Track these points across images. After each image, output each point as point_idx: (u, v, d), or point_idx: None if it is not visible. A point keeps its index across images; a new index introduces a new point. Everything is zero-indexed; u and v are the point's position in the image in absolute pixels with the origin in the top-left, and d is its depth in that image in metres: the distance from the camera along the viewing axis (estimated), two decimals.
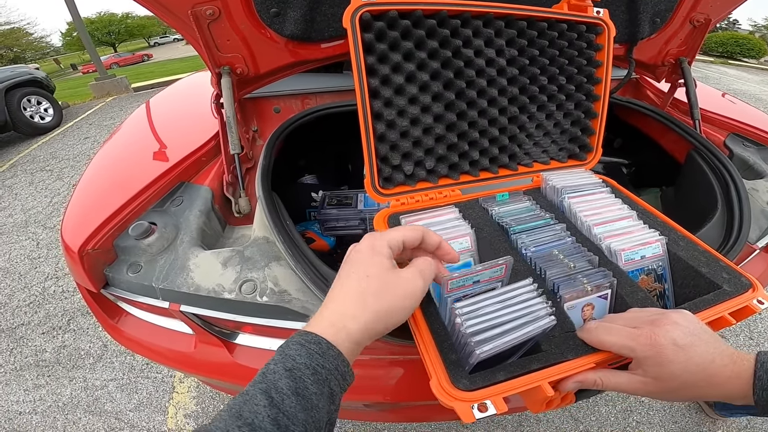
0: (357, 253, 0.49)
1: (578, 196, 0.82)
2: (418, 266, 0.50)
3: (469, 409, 0.45)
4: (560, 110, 0.91)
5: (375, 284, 0.45)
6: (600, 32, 0.87)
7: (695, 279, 0.68)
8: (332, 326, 0.42)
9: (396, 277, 0.47)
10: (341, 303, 0.45)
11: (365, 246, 0.49)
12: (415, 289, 0.47)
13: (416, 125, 0.79)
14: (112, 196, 0.92)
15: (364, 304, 0.44)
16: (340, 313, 0.43)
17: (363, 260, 0.47)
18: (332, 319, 0.43)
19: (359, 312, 0.43)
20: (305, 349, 0.39)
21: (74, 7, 7.58)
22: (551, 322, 0.51)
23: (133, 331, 0.96)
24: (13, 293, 2.49)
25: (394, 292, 0.46)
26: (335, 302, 0.45)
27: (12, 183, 4.26)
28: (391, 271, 0.47)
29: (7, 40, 26.46)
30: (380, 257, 0.48)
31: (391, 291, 0.46)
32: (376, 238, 0.50)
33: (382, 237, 0.50)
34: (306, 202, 1.35)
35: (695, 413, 1.66)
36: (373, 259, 0.47)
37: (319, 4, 0.91)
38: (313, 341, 0.40)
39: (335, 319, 0.43)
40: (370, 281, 0.45)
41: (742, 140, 1.30)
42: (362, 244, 0.50)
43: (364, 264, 0.47)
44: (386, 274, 0.46)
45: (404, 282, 0.47)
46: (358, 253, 0.49)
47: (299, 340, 0.40)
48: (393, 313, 0.46)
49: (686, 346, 0.45)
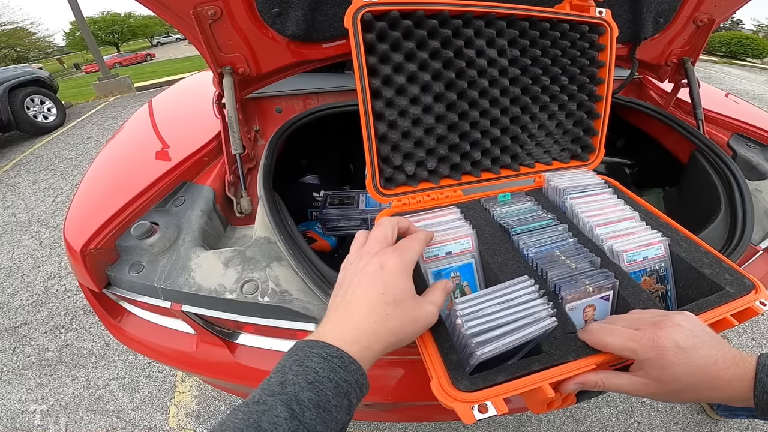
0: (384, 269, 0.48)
1: (580, 196, 0.82)
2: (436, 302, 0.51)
3: (469, 410, 0.45)
4: (562, 110, 0.91)
5: (402, 314, 0.46)
6: (603, 32, 0.86)
7: (698, 280, 0.68)
8: (357, 343, 0.42)
9: (420, 311, 0.48)
10: (366, 321, 0.44)
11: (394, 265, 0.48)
12: (430, 322, 0.50)
13: (418, 125, 0.79)
14: (114, 196, 0.93)
15: (388, 330, 0.45)
16: (366, 332, 0.44)
17: (392, 281, 0.47)
18: (356, 335, 0.43)
19: (384, 336, 0.44)
20: (328, 363, 0.39)
21: (77, 7, 7.60)
22: (552, 324, 0.51)
23: (135, 331, 0.96)
24: (16, 292, 2.50)
25: (415, 323, 0.48)
26: (359, 318, 0.45)
27: (15, 182, 4.28)
28: (416, 302, 0.49)
29: (10, 39, 26.58)
30: (407, 283, 0.49)
31: (413, 323, 0.47)
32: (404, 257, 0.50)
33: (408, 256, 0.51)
34: (308, 202, 1.35)
35: (697, 414, 1.65)
36: (402, 284, 0.48)
37: (321, 4, 0.91)
38: (335, 355, 0.40)
39: (360, 336, 0.43)
40: (398, 309, 0.46)
41: (745, 141, 1.30)
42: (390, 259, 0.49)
43: (393, 287, 0.47)
44: (412, 305, 0.48)
45: (424, 315, 0.48)
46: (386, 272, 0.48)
47: (321, 353, 0.40)
48: (408, 339, 0.48)
49: (688, 348, 0.45)
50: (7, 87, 5.41)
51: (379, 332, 0.44)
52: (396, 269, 0.48)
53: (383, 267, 0.48)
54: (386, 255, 0.49)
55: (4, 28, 26.76)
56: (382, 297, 0.46)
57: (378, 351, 0.44)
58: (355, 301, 0.46)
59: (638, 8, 1.10)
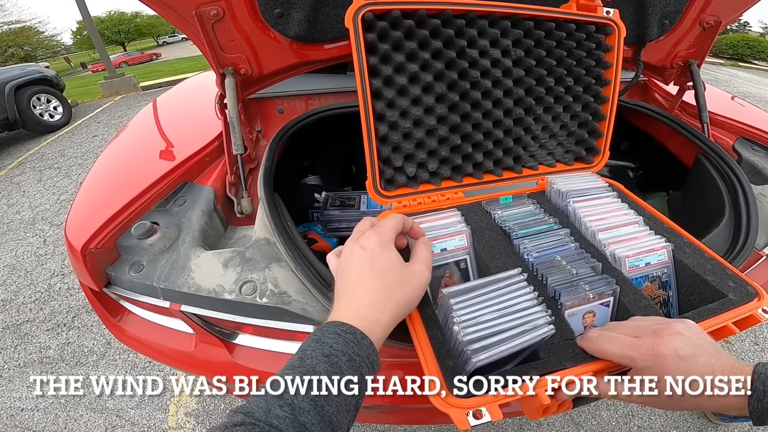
0: (366, 249, 0.52)
1: (584, 200, 0.81)
2: (422, 259, 0.55)
3: (464, 415, 0.45)
4: (567, 112, 0.90)
5: (393, 280, 0.50)
6: (610, 33, 0.85)
7: (701, 287, 0.67)
8: (365, 319, 0.46)
9: (408, 272, 0.52)
10: (366, 297, 0.48)
11: (374, 242, 0.53)
12: (423, 279, 0.54)
13: (419, 126, 0.78)
14: (115, 196, 0.93)
15: (387, 298, 0.48)
16: (369, 306, 0.47)
17: (376, 256, 0.51)
18: (363, 312, 0.47)
19: (385, 305, 0.48)
20: (342, 338, 0.43)
21: (84, 7, 7.66)
22: (550, 331, 0.50)
23: (135, 330, 0.96)
24: (19, 290, 2.51)
25: (409, 284, 0.51)
26: (360, 296, 0.48)
27: (20, 180, 4.30)
28: (403, 266, 0.53)
29: (18, 38, 26.77)
30: (390, 252, 0.53)
31: (406, 284, 0.51)
32: (380, 233, 0.54)
33: (384, 232, 0.55)
34: (309, 203, 1.35)
35: (697, 418, 1.64)
36: (385, 255, 0.52)
37: (323, 5, 0.91)
38: (348, 331, 0.44)
39: (366, 312, 0.47)
40: (389, 277, 0.50)
41: (751, 144, 1.28)
42: (369, 239, 0.53)
43: (379, 260, 0.51)
44: (400, 269, 0.52)
45: (415, 275, 0.53)
46: (368, 250, 0.52)
47: (335, 330, 0.44)
48: (410, 303, 0.52)
49: (687, 357, 0.45)
50: (13, 85, 5.43)
51: (381, 304, 0.48)
52: (375, 244, 0.52)
53: (364, 247, 0.52)
54: (364, 237, 0.54)
55: (12, 26, 26.94)
56: (371, 272, 0.50)
57: (386, 322, 0.48)
58: (351, 284, 0.50)
59: (643, 10, 1.09)
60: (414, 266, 0.54)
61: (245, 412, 0.36)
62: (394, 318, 0.49)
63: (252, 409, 0.36)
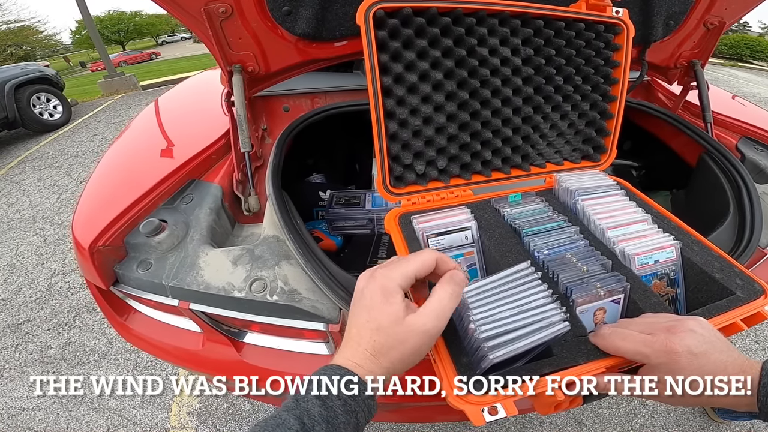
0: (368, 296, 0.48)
1: (592, 198, 0.81)
2: (435, 308, 0.47)
3: (479, 411, 0.45)
4: (575, 111, 0.90)
5: (387, 339, 0.45)
6: (619, 32, 0.85)
7: (708, 284, 0.68)
8: (360, 367, 0.45)
9: (408, 331, 0.46)
10: (361, 350, 0.46)
11: (377, 289, 0.47)
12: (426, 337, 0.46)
13: (429, 124, 0.78)
14: (122, 193, 0.93)
15: (381, 354, 0.45)
16: (364, 358, 0.45)
17: (375, 307, 0.47)
18: (358, 361, 0.45)
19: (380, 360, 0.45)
20: (338, 383, 0.42)
21: (84, 6, 7.63)
22: (565, 328, 0.51)
23: (141, 329, 0.96)
24: (20, 289, 2.50)
25: (406, 345, 0.46)
26: (354, 343, 0.46)
27: (20, 179, 4.29)
28: (403, 325, 0.46)
29: (17, 37, 26.69)
30: (390, 306, 0.46)
31: (403, 345, 0.45)
32: (388, 278, 0.48)
33: (392, 278, 0.48)
34: (314, 201, 1.35)
35: (699, 417, 1.65)
36: (384, 309, 0.46)
37: (331, 3, 0.91)
38: (345, 375, 0.43)
39: (360, 362, 0.45)
40: (381, 335, 0.45)
41: (754, 144, 1.29)
42: (375, 282, 0.48)
43: (376, 312, 0.46)
44: (398, 328, 0.45)
45: (416, 334, 0.46)
46: (370, 298, 0.47)
47: (333, 374, 0.43)
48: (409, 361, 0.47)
49: (700, 354, 0.46)
50: (13, 84, 5.41)
51: (375, 358, 0.45)
52: (375, 295, 0.47)
53: (364, 295, 0.48)
54: (373, 277, 0.49)
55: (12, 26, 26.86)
56: (366, 324, 0.46)
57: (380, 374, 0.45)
58: (351, 330, 0.48)
59: (649, 10, 1.09)
60: (417, 322, 0.46)
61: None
62: (389, 372, 0.46)
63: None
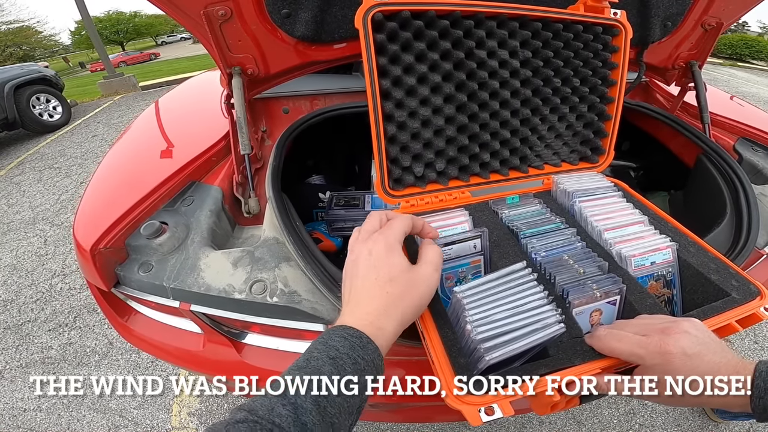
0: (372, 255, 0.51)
1: (589, 200, 0.82)
2: (431, 261, 0.53)
3: (476, 412, 0.45)
4: (573, 112, 0.90)
5: (400, 287, 0.49)
6: (617, 34, 0.86)
7: (704, 286, 0.68)
8: (371, 325, 0.46)
9: (417, 276, 0.51)
10: (373, 306, 0.48)
11: (380, 247, 0.52)
12: (432, 283, 0.52)
13: (427, 127, 0.79)
14: (123, 196, 0.93)
15: (393, 305, 0.48)
16: (375, 314, 0.47)
17: (382, 263, 0.50)
18: (369, 319, 0.47)
19: (391, 313, 0.48)
20: (347, 342, 0.43)
21: (83, 6, 7.64)
22: (560, 330, 0.51)
23: (143, 330, 0.97)
24: (20, 290, 2.51)
25: (417, 290, 0.50)
26: (365, 304, 0.48)
27: (20, 180, 4.30)
28: (411, 271, 0.51)
29: (16, 38, 26.67)
30: (396, 258, 0.51)
31: (414, 290, 0.50)
32: (388, 236, 0.53)
33: (391, 234, 0.53)
34: (313, 203, 1.36)
35: (698, 417, 1.65)
36: (391, 261, 0.51)
37: (330, 6, 0.92)
38: (354, 335, 0.44)
39: (372, 319, 0.47)
40: (394, 285, 0.49)
41: (751, 144, 1.30)
42: (376, 243, 0.52)
43: (384, 267, 0.50)
44: (408, 275, 0.50)
45: (424, 280, 0.51)
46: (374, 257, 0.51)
47: (342, 333, 0.44)
48: (418, 308, 0.51)
49: (694, 356, 0.46)
50: (13, 85, 5.41)
51: (386, 312, 0.47)
52: (382, 250, 0.51)
53: (371, 252, 0.51)
54: (371, 241, 0.53)
55: (11, 26, 26.84)
56: (376, 281, 0.49)
57: (392, 329, 0.47)
58: (357, 292, 0.50)
59: (646, 12, 1.10)
60: (421, 269, 0.52)
61: (249, 409, 0.37)
62: (401, 324, 0.49)
63: (255, 407, 0.37)
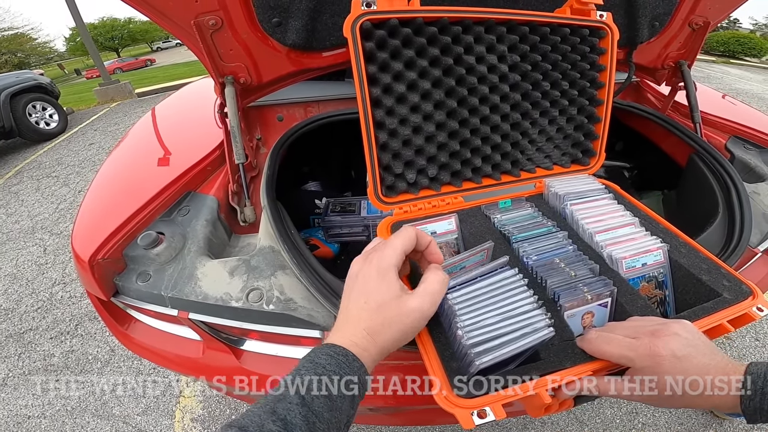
0: (365, 276, 0.51)
1: (581, 202, 0.83)
2: (430, 292, 0.50)
3: (468, 415, 0.46)
4: (563, 115, 0.91)
5: (385, 317, 0.48)
6: (603, 36, 0.87)
7: (696, 286, 0.69)
8: (356, 345, 0.47)
9: (406, 308, 0.49)
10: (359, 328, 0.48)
11: (373, 269, 0.51)
12: (424, 315, 0.50)
13: (418, 133, 0.80)
14: (120, 206, 0.94)
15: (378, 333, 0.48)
16: (359, 336, 0.47)
17: (371, 286, 0.50)
18: (354, 339, 0.47)
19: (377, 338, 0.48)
20: (334, 360, 0.44)
21: (77, 13, 7.63)
22: (549, 334, 0.52)
23: (143, 338, 0.98)
24: (21, 299, 2.51)
25: (402, 323, 0.49)
26: (352, 325, 0.49)
27: (18, 189, 4.30)
28: (402, 301, 0.49)
29: (11, 45, 26.67)
30: (387, 283, 0.50)
31: (400, 323, 0.48)
32: (382, 258, 0.51)
33: (385, 257, 0.51)
34: (310, 209, 1.37)
35: (702, 414, 1.65)
36: (381, 286, 0.49)
37: (320, 14, 0.92)
38: (341, 353, 0.45)
39: (357, 339, 0.47)
40: (381, 313, 0.48)
41: (743, 143, 1.31)
42: (370, 265, 0.52)
43: (374, 291, 0.49)
44: (397, 304, 0.49)
45: (414, 311, 0.49)
46: (367, 278, 0.51)
47: (328, 352, 0.45)
48: (401, 341, 0.49)
49: (684, 358, 0.47)
50: (8, 93, 5.41)
51: (372, 337, 0.48)
52: (372, 275, 0.51)
53: (364, 275, 0.51)
54: (366, 261, 0.53)
55: (5, 33, 26.85)
56: (365, 306, 0.49)
57: (376, 354, 0.47)
58: (348, 310, 0.50)
59: (633, 12, 1.11)
60: (415, 301, 0.49)
61: (239, 426, 0.37)
62: (384, 350, 0.48)
63: (246, 423, 0.37)
